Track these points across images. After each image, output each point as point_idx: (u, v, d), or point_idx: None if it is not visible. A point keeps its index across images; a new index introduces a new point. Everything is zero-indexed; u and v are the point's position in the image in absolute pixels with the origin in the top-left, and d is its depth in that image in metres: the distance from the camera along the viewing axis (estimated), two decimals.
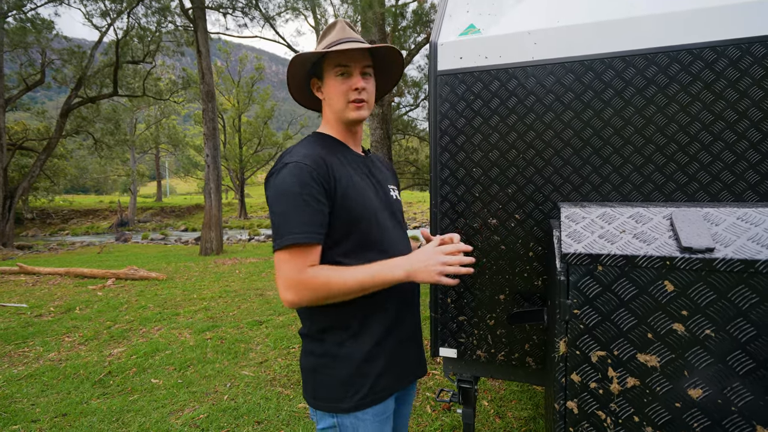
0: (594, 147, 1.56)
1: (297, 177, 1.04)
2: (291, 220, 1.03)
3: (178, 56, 18.08)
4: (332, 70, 1.17)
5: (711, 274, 0.88)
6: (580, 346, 0.98)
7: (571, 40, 1.57)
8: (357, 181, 1.17)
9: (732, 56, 1.39)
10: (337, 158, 1.16)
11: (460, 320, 1.81)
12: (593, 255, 0.95)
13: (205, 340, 4.42)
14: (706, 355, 0.89)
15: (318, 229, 1.05)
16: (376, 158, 1.39)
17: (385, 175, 1.34)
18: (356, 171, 1.20)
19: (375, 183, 1.25)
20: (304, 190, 1.03)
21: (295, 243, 1.02)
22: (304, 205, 1.03)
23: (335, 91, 1.17)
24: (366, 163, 1.27)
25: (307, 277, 1.03)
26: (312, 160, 1.07)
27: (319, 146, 1.16)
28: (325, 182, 1.07)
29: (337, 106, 1.19)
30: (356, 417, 1.12)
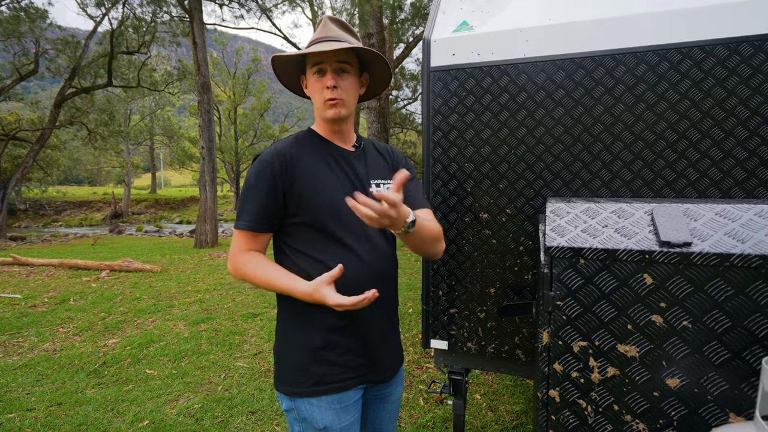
0: (584, 143, 1.59)
1: (256, 170, 1.17)
2: (244, 207, 1.18)
3: (173, 47, 17.92)
4: (310, 69, 1.23)
5: (688, 267, 0.91)
6: (563, 337, 1.01)
7: (562, 37, 1.59)
8: (324, 178, 1.21)
9: (720, 55, 1.42)
10: (311, 156, 1.22)
11: (451, 313, 1.84)
12: (576, 248, 0.98)
13: (199, 331, 4.45)
14: (683, 345, 0.93)
15: (262, 220, 1.17)
16: (376, 150, 1.39)
17: (375, 170, 1.33)
18: (331, 168, 1.24)
19: (353, 178, 1.26)
20: (259, 183, 1.16)
21: (240, 228, 1.18)
22: (255, 197, 1.16)
23: (312, 89, 1.24)
24: (350, 158, 1.28)
25: (239, 259, 1.19)
26: (274, 156, 1.18)
27: (295, 143, 1.23)
28: (281, 178, 1.16)
29: (316, 104, 1.25)
30: (310, 402, 1.17)
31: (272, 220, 1.19)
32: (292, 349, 1.21)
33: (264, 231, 1.20)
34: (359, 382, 1.23)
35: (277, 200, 1.17)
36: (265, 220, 1.18)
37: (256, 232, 1.19)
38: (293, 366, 1.21)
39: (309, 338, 1.20)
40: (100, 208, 30.94)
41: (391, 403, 1.39)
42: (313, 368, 1.18)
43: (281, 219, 1.20)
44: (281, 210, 1.19)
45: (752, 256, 0.88)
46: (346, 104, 1.23)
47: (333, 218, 1.19)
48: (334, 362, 1.19)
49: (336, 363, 1.19)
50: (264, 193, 1.16)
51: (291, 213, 1.19)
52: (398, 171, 1.03)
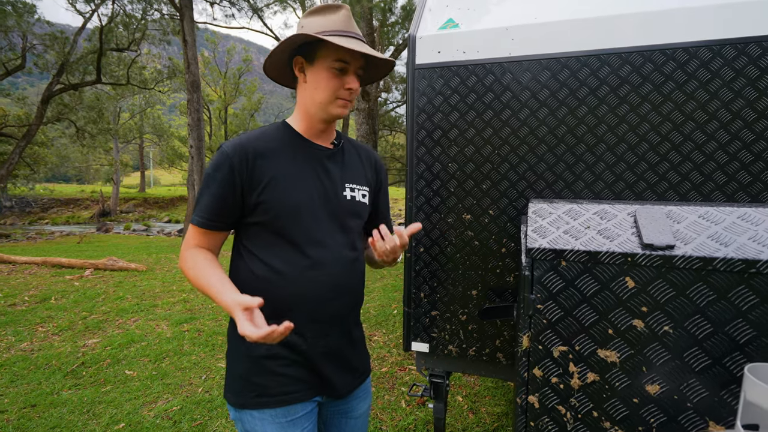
0: (568, 145, 1.56)
1: (216, 162, 1.09)
2: (199, 200, 1.11)
3: (164, 45, 17.75)
4: (328, 61, 1.10)
5: (671, 271, 0.88)
6: (543, 341, 0.98)
7: (547, 36, 1.57)
8: (288, 178, 1.12)
9: (704, 57, 1.40)
10: (279, 151, 1.13)
11: (432, 315, 1.81)
12: (557, 250, 0.95)
13: (182, 332, 4.36)
14: (664, 351, 0.90)
15: (214, 217, 1.10)
16: (356, 151, 1.31)
17: (351, 173, 1.25)
18: (300, 166, 1.14)
19: (324, 181, 1.17)
20: (217, 175, 1.08)
21: (192, 222, 1.12)
22: (210, 190, 1.09)
23: (326, 83, 1.11)
24: (323, 158, 1.19)
25: (184, 255, 1.13)
26: (236, 150, 1.09)
27: (262, 138, 1.14)
28: (239, 174, 1.08)
29: (322, 98, 1.13)
30: (252, 415, 1.10)
31: (226, 219, 1.11)
32: (236, 357, 1.14)
33: (215, 229, 1.11)
34: (310, 396, 1.15)
35: (234, 197, 1.09)
36: (217, 218, 1.10)
37: (208, 229, 1.11)
38: (236, 375, 1.14)
39: (252, 347, 1.11)
40: (87, 206, 30.50)
41: (354, 419, 1.31)
42: (256, 379, 1.11)
43: (239, 218, 1.13)
44: (238, 208, 1.11)
45: (735, 260, 0.86)
46: (352, 106, 1.19)
47: (293, 222, 1.11)
48: (278, 373, 1.11)
49: (280, 374, 1.11)
50: (220, 188, 1.08)
51: (249, 212, 1.11)
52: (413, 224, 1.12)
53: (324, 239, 1.14)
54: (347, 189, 1.22)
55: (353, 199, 1.22)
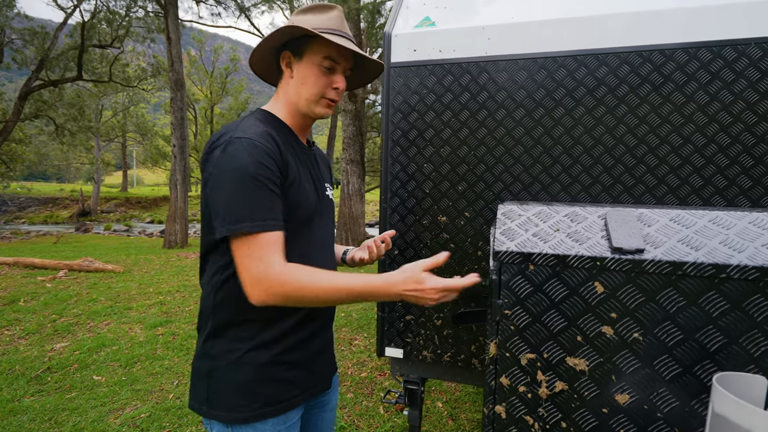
0: (544, 146, 1.54)
1: (252, 156, 0.90)
2: (248, 204, 0.89)
3: (148, 43, 17.45)
4: (318, 58, 1.05)
5: (640, 275, 0.85)
6: (511, 348, 0.94)
7: (524, 36, 1.54)
8: (302, 174, 1.07)
9: (680, 60, 1.39)
10: (288, 146, 1.06)
11: (407, 319, 1.76)
12: (525, 254, 0.91)
13: (156, 335, 4.24)
14: (633, 359, 0.86)
15: (280, 216, 0.94)
16: (318, 152, 1.30)
17: (323, 172, 1.25)
18: (303, 164, 1.10)
19: (316, 179, 1.15)
20: (261, 171, 0.91)
21: (268, 229, 0.90)
22: (262, 188, 0.90)
23: (314, 81, 1.06)
24: (312, 157, 1.18)
25: (286, 272, 0.90)
26: (266, 140, 0.95)
27: (271, 127, 1.04)
28: (279, 167, 0.96)
29: (308, 96, 1.07)
30: (254, 428, 1.02)
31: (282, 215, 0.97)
32: (234, 368, 1.04)
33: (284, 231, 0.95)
34: (306, 398, 1.12)
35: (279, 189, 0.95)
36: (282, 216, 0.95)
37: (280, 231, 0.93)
38: (235, 387, 1.03)
39: (255, 355, 1.03)
40: (67, 206, 29.80)
41: (329, 411, 1.30)
42: (261, 389, 1.03)
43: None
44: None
45: (705, 264, 0.83)
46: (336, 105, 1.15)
47: (303, 222, 1.05)
48: (282, 379, 1.05)
49: (283, 380, 1.05)
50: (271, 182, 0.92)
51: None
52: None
53: (322, 238, 1.13)
54: (327, 189, 1.22)
55: (329, 197, 1.23)
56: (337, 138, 17.89)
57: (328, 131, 19.17)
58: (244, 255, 0.90)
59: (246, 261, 0.90)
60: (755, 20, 1.31)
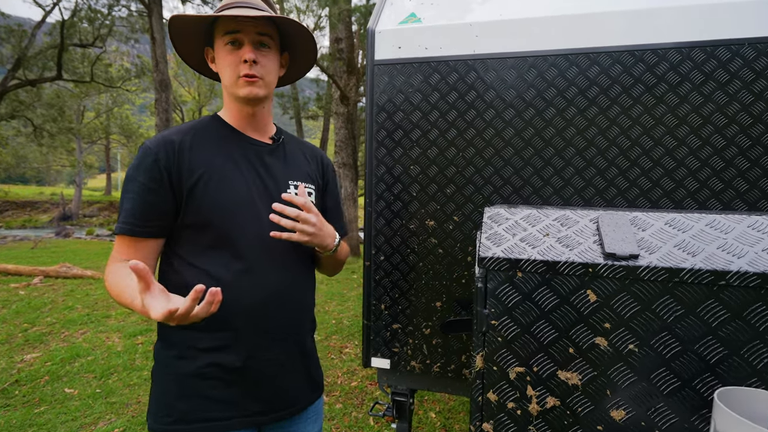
0: (535, 148, 1.49)
1: (138, 161, 0.97)
2: (123, 206, 0.98)
3: (132, 42, 17.13)
4: (221, 38, 1.01)
5: (635, 283, 0.80)
6: (498, 362, 0.88)
7: (513, 34, 1.49)
8: (224, 174, 1.00)
9: (673, 60, 1.35)
10: (210, 144, 1.02)
11: (394, 328, 1.69)
12: (512, 260, 0.86)
13: (135, 344, 4.10)
14: (629, 372, 0.81)
15: (143, 221, 0.97)
16: (299, 148, 1.21)
17: (296, 169, 1.15)
18: (235, 161, 1.03)
19: (264, 176, 1.06)
20: (140, 176, 0.96)
21: (118, 232, 0.98)
22: (136, 193, 0.96)
23: (222, 62, 1.02)
24: (262, 153, 1.08)
25: (108, 270, 0.98)
26: (159, 143, 0.98)
27: (190, 131, 1.03)
28: (166, 169, 0.96)
29: (226, 81, 1.03)
30: None
31: (157, 222, 0.97)
32: (160, 375, 1.00)
33: (146, 236, 0.97)
34: (246, 424, 1.01)
35: (164, 197, 0.96)
36: (147, 222, 0.96)
37: (135, 236, 0.96)
38: (158, 396, 0.99)
39: (179, 364, 0.97)
40: (47, 210, 29.06)
41: None
42: (179, 402, 0.96)
43: (172, 221, 0.99)
44: (170, 208, 0.97)
45: (703, 271, 0.78)
46: (266, 83, 1.04)
47: (229, 222, 0.99)
48: (207, 396, 0.96)
49: (209, 397, 0.97)
50: (146, 188, 0.95)
51: (180, 214, 0.98)
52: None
53: (266, 245, 1.02)
54: (291, 186, 1.11)
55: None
56: (329, 141, 17.77)
57: (320, 134, 19.05)
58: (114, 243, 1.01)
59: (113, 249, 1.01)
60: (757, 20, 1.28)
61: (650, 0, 1.37)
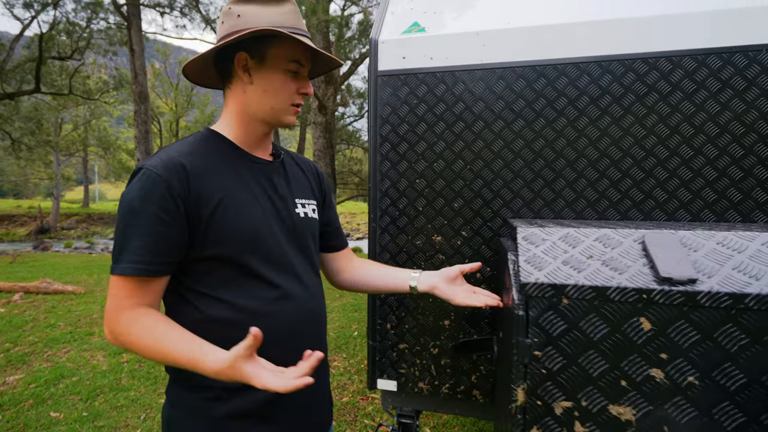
0: (546, 159, 1.43)
1: (143, 189, 0.84)
2: (127, 243, 0.84)
3: (111, 55, 16.81)
4: (283, 62, 0.93)
5: (694, 310, 0.73)
6: (542, 395, 0.80)
7: (521, 43, 1.44)
8: (239, 197, 0.93)
9: (688, 67, 1.31)
10: (219, 166, 0.92)
11: (400, 348, 1.60)
12: (558, 285, 0.79)
13: (120, 363, 3.92)
14: (689, 406, 0.74)
15: (158, 258, 0.84)
16: (295, 162, 1.14)
17: (299, 187, 1.09)
18: (246, 183, 0.95)
19: (274, 197, 1.00)
20: (148, 207, 0.83)
21: (124, 273, 0.83)
22: (144, 227, 0.83)
23: (281, 87, 0.95)
24: (269, 172, 1.02)
25: (122, 321, 0.84)
26: (168, 167, 0.85)
27: (195, 150, 0.92)
28: (181, 198, 0.85)
29: (275, 104, 0.96)
30: None
31: (170, 258, 0.86)
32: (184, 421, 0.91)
33: (159, 275, 0.86)
34: None
35: (180, 230, 0.85)
36: (161, 259, 0.85)
37: (148, 277, 0.84)
38: None
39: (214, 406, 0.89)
40: (24, 223, 28.21)
41: None
42: None
43: (184, 255, 0.89)
44: (184, 242, 0.87)
45: None
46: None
47: (254, 249, 0.92)
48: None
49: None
50: (159, 221, 0.83)
51: (198, 245, 0.88)
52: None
53: (290, 264, 0.97)
54: (298, 205, 1.06)
55: (306, 216, 1.07)
56: (305, 151, 17.68)
57: (296, 144, 18.94)
58: (109, 289, 0.87)
59: (108, 297, 0.87)
60: None
61: (666, 6, 1.33)
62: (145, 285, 0.85)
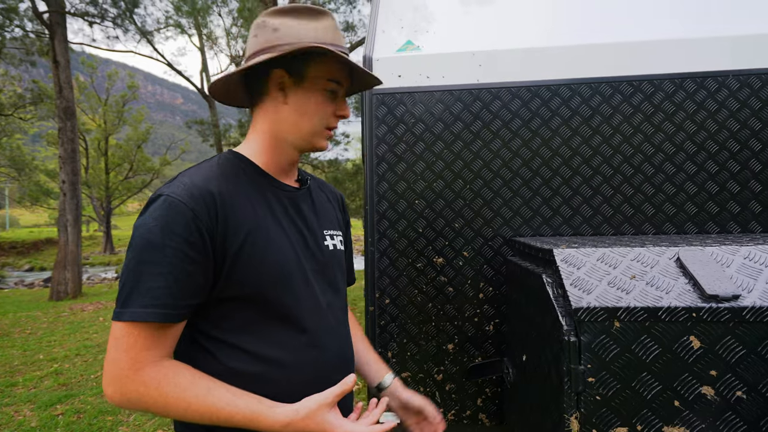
0: (543, 178, 1.46)
1: (164, 219, 0.72)
2: (142, 284, 0.70)
3: (26, 66, 15.39)
4: (322, 81, 0.85)
5: (739, 325, 0.76)
6: (597, 423, 0.79)
7: (516, 64, 1.47)
8: (268, 230, 0.83)
9: (667, 90, 1.41)
10: (247, 194, 0.82)
11: (403, 377, 1.54)
12: (609, 309, 0.78)
13: (54, 416, 3.46)
14: (739, 421, 0.76)
15: (181, 300, 0.72)
16: (321, 189, 1.05)
17: (325, 216, 1.00)
18: (274, 213, 0.86)
19: (303, 228, 0.90)
20: (172, 241, 0.71)
21: (140, 319, 0.70)
22: (166, 266, 0.71)
23: (318, 108, 0.86)
24: (296, 201, 0.92)
25: (144, 378, 0.71)
26: (194, 195, 0.74)
27: (221, 176, 0.81)
28: (207, 230, 0.74)
29: (310, 127, 0.87)
30: None
31: (192, 301, 0.74)
32: None
33: (179, 320, 0.74)
34: None
35: (204, 268, 0.74)
36: (186, 301, 0.73)
37: (169, 322, 0.72)
38: None
39: None
40: None
41: None
42: None
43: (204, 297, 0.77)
44: (209, 283, 0.75)
45: None
46: None
47: (283, 288, 0.81)
48: None
49: None
50: (183, 256, 0.71)
51: (220, 285, 0.76)
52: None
53: (318, 304, 0.87)
54: (327, 237, 0.96)
55: (334, 248, 0.97)
56: None
57: None
58: (113, 339, 0.72)
59: (112, 349, 0.71)
60: None
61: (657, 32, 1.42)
62: (165, 333, 0.73)
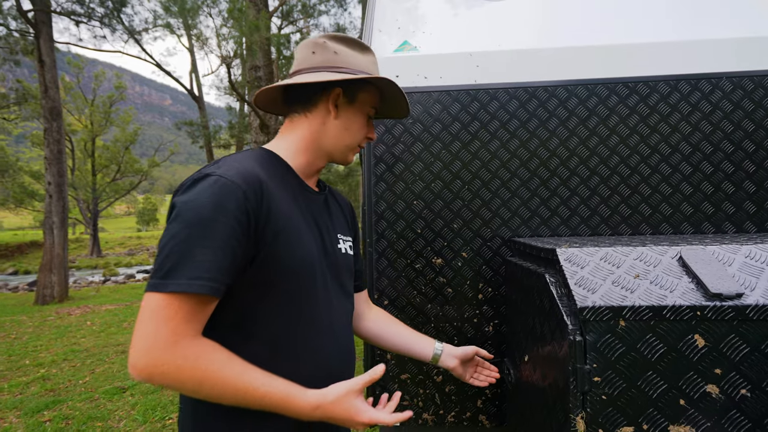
0: (541, 178, 1.47)
1: (216, 196, 0.73)
2: (192, 254, 0.70)
3: (10, 65, 15.10)
4: (366, 106, 0.98)
5: (743, 323, 0.76)
6: (604, 423, 0.79)
7: (513, 65, 1.48)
8: (299, 226, 0.86)
9: (662, 91, 1.42)
10: (282, 188, 0.86)
11: (402, 379, 1.53)
12: (615, 308, 0.78)
13: (41, 423, 3.39)
14: (743, 419, 0.77)
15: (221, 276, 0.72)
16: (334, 197, 1.09)
17: (339, 222, 1.04)
18: (302, 212, 0.90)
19: (323, 230, 0.95)
20: (223, 216, 0.72)
21: (186, 290, 0.69)
22: (213, 238, 0.71)
23: (359, 128, 0.99)
24: (317, 204, 0.97)
25: (189, 352, 0.70)
26: (246, 178, 0.77)
27: (261, 166, 0.84)
28: (254, 214, 0.76)
29: (349, 143, 0.98)
30: None
31: (231, 279, 0.75)
32: None
33: (221, 295, 0.74)
34: None
35: (246, 247, 0.75)
36: (227, 277, 0.73)
37: (215, 296, 0.72)
38: None
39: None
40: None
41: None
42: None
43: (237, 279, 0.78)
44: (245, 264, 0.77)
45: None
46: None
47: (304, 281, 0.85)
48: None
49: None
50: (232, 232, 0.72)
51: (251, 271, 0.78)
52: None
53: (331, 302, 0.92)
54: (340, 241, 1.01)
55: (346, 252, 1.03)
56: None
57: None
58: (148, 311, 0.69)
59: (147, 321, 0.69)
60: None
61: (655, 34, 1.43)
62: (204, 308, 0.73)
